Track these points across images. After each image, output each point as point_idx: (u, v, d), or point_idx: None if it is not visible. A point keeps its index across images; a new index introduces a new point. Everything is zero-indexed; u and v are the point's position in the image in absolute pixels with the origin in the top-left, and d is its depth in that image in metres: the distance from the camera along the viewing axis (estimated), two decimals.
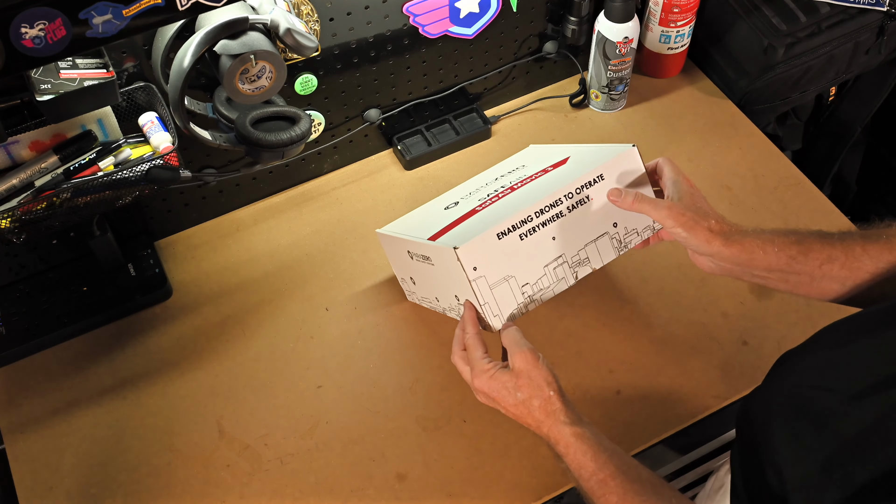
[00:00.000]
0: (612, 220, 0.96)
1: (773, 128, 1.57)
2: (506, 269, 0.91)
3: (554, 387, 0.84)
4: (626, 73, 1.36)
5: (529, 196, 0.96)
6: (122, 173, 1.01)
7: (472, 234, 0.91)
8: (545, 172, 1.02)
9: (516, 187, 1.01)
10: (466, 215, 0.99)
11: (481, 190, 1.09)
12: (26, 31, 0.74)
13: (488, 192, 1.05)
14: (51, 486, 1.03)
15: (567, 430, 0.81)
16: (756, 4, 1.36)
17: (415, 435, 1.05)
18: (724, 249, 0.84)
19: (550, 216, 0.93)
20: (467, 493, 1.00)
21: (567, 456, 0.81)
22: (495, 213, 0.96)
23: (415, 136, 1.36)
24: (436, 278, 1.01)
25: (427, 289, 1.07)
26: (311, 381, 1.11)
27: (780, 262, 0.84)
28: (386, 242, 1.12)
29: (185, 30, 1.01)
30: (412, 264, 1.05)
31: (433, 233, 0.98)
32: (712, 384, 1.08)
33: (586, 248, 0.96)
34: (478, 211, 0.99)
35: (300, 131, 1.11)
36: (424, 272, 1.03)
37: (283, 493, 1.01)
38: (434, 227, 1.01)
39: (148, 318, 1.18)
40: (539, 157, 1.12)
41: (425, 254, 0.99)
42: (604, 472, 0.78)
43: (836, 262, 0.82)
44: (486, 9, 1.27)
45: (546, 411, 0.83)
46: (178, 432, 1.07)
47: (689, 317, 1.14)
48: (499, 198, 1.00)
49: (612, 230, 0.97)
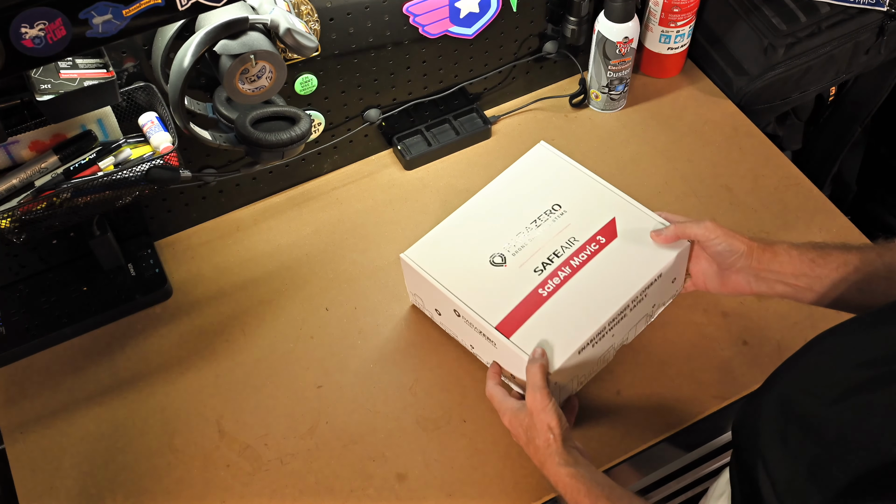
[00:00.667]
0: (652, 302, 1.04)
1: (773, 128, 1.57)
2: (571, 375, 0.99)
3: (556, 431, 0.89)
4: (626, 73, 1.36)
5: (594, 288, 1.00)
6: (122, 173, 1.01)
7: (554, 346, 0.96)
8: (598, 245, 1.04)
9: (574, 266, 1.02)
10: (530, 300, 1.00)
11: (524, 241, 1.06)
12: (26, 31, 0.74)
13: (542, 260, 1.03)
14: (51, 486, 1.03)
15: (563, 471, 0.86)
16: (756, 4, 1.36)
17: (415, 435, 1.05)
18: (763, 254, 0.92)
19: (618, 321, 1.00)
20: (467, 493, 1.00)
21: (565, 495, 0.87)
22: (566, 312, 0.99)
23: (415, 136, 1.36)
24: (474, 338, 1.04)
25: (453, 328, 1.09)
26: (311, 381, 1.11)
27: (803, 265, 0.90)
28: (409, 272, 1.08)
29: (185, 30, 1.01)
30: (447, 309, 1.06)
31: (497, 317, 0.99)
32: (712, 384, 1.08)
33: (629, 332, 1.07)
34: (543, 298, 1.00)
35: (300, 131, 1.11)
36: (460, 326, 1.05)
37: (283, 493, 1.01)
38: (488, 297, 1.01)
39: (148, 318, 1.18)
40: (570, 191, 1.10)
41: (488, 336, 1.00)
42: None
43: (851, 265, 0.87)
44: (486, 9, 1.27)
45: (546, 453, 0.89)
46: (178, 432, 1.07)
47: (689, 317, 1.14)
48: (562, 282, 1.01)
49: (650, 311, 1.07)
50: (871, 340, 0.72)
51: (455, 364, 1.11)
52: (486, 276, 1.03)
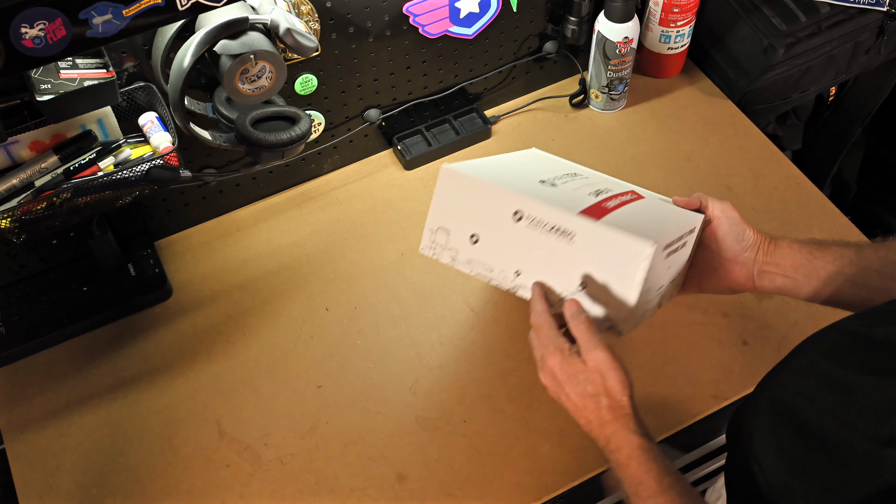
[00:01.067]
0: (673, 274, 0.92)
1: (773, 128, 1.57)
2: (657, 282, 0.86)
3: (629, 392, 0.79)
4: (626, 73, 1.36)
5: (660, 215, 0.91)
6: (122, 173, 1.01)
7: (652, 233, 0.81)
8: (635, 196, 0.95)
9: (633, 199, 0.93)
10: (599, 208, 0.87)
11: (577, 182, 0.96)
12: (26, 31, 0.74)
13: (599, 189, 0.93)
14: (51, 486, 1.03)
15: (634, 440, 0.77)
16: (756, 4, 1.36)
17: (415, 435, 1.05)
18: (768, 247, 0.91)
19: (679, 246, 0.88)
20: (467, 493, 1.00)
21: (628, 467, 0.77)
22: (646, 218, 0.88)
23: (415, 136, 1.36)
24: (531, 250, 0.86)
25: (494, 253, 0.89)
26: (310, 381, 1.11)
27: (802, 256, 0.90)
28: (453, 185, 0.90)
29: (185, 30, 1.01)
30: (498, 223, 0.87)
31: (579, 207, 0.85)
32: (712, 384, 1.08)
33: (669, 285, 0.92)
34: (610, 209, 0.87)
35: (300, 131, 1.11)
36: (511, 243, 0.87)
37: (283, 493, 1.01)
38: (553, 199, 0.87)
39: (148, 318, 1.18)
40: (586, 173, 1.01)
41: (566, 227, 0.84)
42: (665, 497, 0.73)
43: (846, 258, 0.88)
44: (486, 9, 1.27)
45: (615, 414, 0.79)
46: (178, 432, 1.07)
47: (689, 317, 1.14)
48: (622, 204, 0.90)
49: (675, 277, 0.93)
50: (865, 340, 0.73)
51: (455, 364, 1.11)
52: (542, 190, 0.91)
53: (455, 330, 1.14)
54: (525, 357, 1.09)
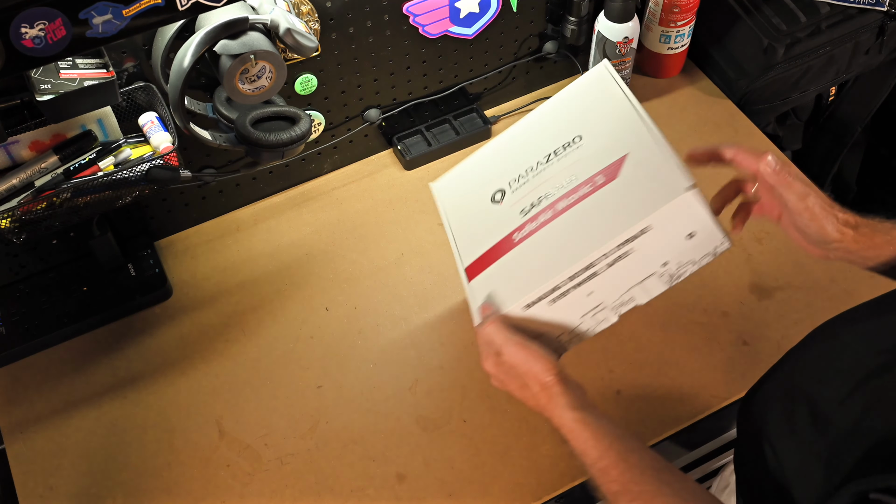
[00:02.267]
0: (663, 259, 0.86)
1: (773, 128, 1.57)
2: (537, 329, 0.87)
3: (553, 371, 0.81)
4: (626, 73, 1.36)
5: (568, 240, 0.87)
6: (122, 173, 1.01)
7: (502, 299, 0.86)
8: (592, 187, 0.89)
9: (558, 210, 0.90)
10: (503, 245, 0.92)
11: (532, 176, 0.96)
12: (26, 31, 0.74)
13: (532, 202, 0.93)
14: (51, 486, 1.03)
15: (567, 414, 0.79)
16: (756, 4, 1.36)
17: (415, 435, 1.05)
18: (853, 244, 0.85)
19: (584, 278, 0.85)
20: (467, 493, 1.00)
21: (570, 441, 0.79)
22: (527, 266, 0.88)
23: (415, 136, 1.36)
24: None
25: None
26: (310, 381, 1.11)
27: (891, 252, 0.84)
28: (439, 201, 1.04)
29: (185, 30, 1.01)
30: None
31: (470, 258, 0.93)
32: (712, 384, 1.08)
33: (630, 291, 0.88)
34: (513, 244, 0.91)
35: (300, 131, 1.11)
36: None
37: (283, 493, 1.01)
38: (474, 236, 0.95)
39: (148, 318, 1.18)
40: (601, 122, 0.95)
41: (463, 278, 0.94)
42: (605, 460, 0.75)
43: None
44: (486, 9, 1.27)
45: (547, 395, 0.80)
46: (178, 432, 1.07)
47: (689, 317, 1.14)
48: (537, 227, 0.90)
49: (660, 269, 0.87)
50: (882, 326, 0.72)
51: (455, 364, 1.11)
52: (483, 213, 0.96)
53: (455, 330, 1.14)
54: None
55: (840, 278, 1.17)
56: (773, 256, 1.21)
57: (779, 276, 1.19)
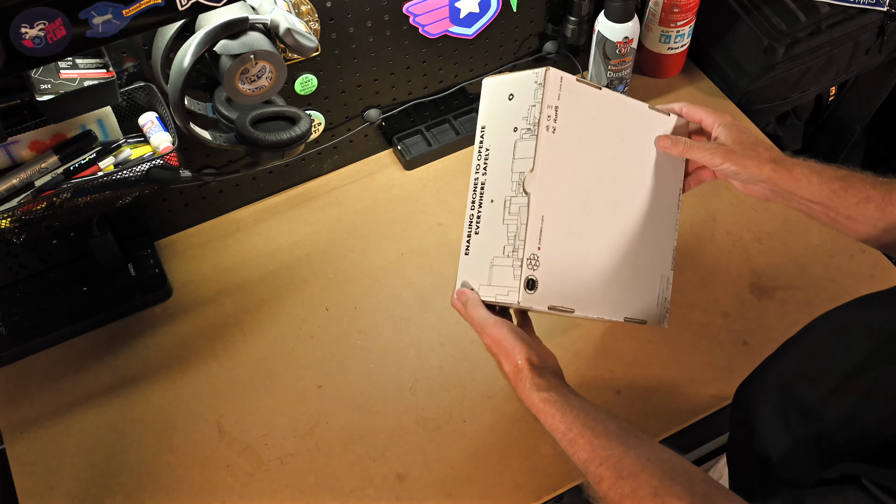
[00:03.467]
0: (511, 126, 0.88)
1: (773, 128, 1.57)
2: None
3: (524, 354, 0.83)
4: (626, 73, 1.36)
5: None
6: (122, 173, 1.01)
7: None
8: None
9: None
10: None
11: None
12: (26, 31, 0.74)
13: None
14: (51, 486, 1.03)
15: (535, 397, 0.81)
16: (756, 4, 1.36)
17: (415, 435, 1.05)
18: (774, 174, 0.88)
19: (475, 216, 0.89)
20: (467, 493, 1.00)
21: (541, 420, 0.82)
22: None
23: (415, 136, 1.36)
24: None
25: None
26: (311, 381, 1.11)
27: (823, 194, 0.87)
28: None
29: (185, 30, 1.01)
30: None
31: None
32: (712, 384, 1.08)
33: (513, 176, 0.87)
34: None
35: (300, 131, 1.11)
36: None
37: (283, 493, 1.01)
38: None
39: (148, 318, 1.18)
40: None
41: None
42: (572, 431, 0.78)
43: (872, 202, 0.85)
44: (486, 9, 1.27)
45: (517, 377, 0.83)
46: (178, 432, 1.07)
47: (689, 317, 1.14)
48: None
49: (513, 136, 0.89)
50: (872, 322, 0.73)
51: (455, 364, 1.11)
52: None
53: (455, 330, 1.14)
54: None
55: (840, 278, 1.18)
56: (773, 256, 1.21)
57: (779, 276, 1.19)
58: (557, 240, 0.86)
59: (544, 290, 0.85)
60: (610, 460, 0.74)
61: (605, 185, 0.92)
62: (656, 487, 0.70)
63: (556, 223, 0.86)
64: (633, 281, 0.94)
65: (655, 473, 0.71)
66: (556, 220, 0.86)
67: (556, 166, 0.87)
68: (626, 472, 0.73)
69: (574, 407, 0.80)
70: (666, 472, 0.71)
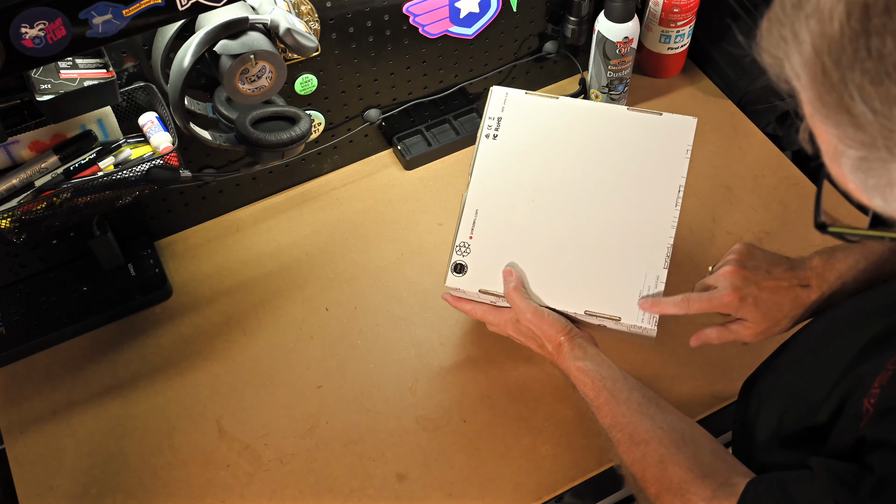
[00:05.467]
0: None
1: (773, 128, 1.57)
2: None
3: (565, 330, 0.93)
4: (626, 73, 1.36)
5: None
6: (122, 173, 1.01)
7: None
8: None
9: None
10: None
11: None
12: (26, 31, 0.74)
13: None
14: (51, 486, 1.03)
15: (572, 366, 0.91)
16: (756, 4, 1.36)
17: (415, 435, 1.05)
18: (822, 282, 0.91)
19: None
20: (467, 493, 1.00)
21: (577, 386, 0.91)
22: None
23: (415, 136, 1.36)
24: None
25: None
26: (310, 381, 1.11)
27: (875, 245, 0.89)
28: None
29: (185, 30, 1.01)
30: None
31: None
32: (712, 384, 1.08)
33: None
34: None
35: (300, 131, 1.11)
36: None
37: (283, 493, 1.01)
38: None
39: (148, 318, 1.18)
40: None
41: None
42: (600, 399, 0.88)
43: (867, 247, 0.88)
44: (486, 9, 1.27)
45: (558, 351, 0.93)
46: (178, 432, 1.07)
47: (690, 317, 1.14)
48: None
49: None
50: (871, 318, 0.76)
51: (455, 364, 1.11)
52: None
53: (455, 330, 1.14)
54: (525, 357, 1.09)
55: None
56: None
57: None
58: (495, 231, 0.99)
59: (474, 275, 0.98)
60: (627, 428, 0.85)
61: (563, 183, 1.00)
62: (662, 455, 0.80)
63: (493, 216, 0.99)
64: (604, 275, 0.97)
65: (664, 442, 0.81)
66: (493, 214, 0.99)
67: (496, 167, 1.01)
68: (639, 438, 0.83)
69: (604, 377, 0.89)
70: (674, 441, 0.80)
